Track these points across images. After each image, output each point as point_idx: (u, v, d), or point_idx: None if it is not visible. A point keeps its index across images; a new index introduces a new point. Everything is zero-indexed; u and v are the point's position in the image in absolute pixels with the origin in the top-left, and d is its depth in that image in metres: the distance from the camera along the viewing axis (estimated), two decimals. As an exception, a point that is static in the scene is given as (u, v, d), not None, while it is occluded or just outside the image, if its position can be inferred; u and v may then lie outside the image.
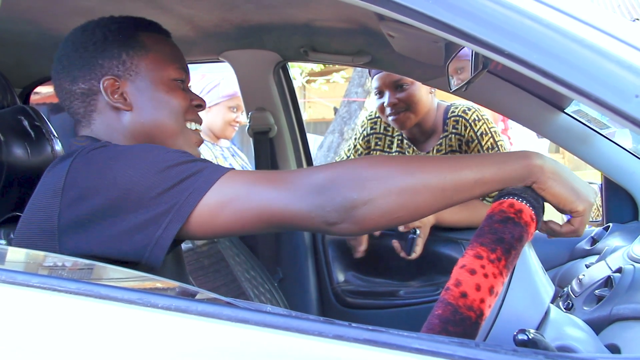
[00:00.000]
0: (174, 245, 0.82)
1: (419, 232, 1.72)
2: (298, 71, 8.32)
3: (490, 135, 1.84)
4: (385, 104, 1.86)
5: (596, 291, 1.05)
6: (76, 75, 0.98)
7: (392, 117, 1.86)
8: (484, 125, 1.85)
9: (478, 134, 1.84)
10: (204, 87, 2.32)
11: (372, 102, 1.98)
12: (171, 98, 1.00)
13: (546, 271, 0.83)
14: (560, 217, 0.96)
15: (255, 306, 0.69)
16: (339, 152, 2.15)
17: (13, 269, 0.71)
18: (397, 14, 0.73)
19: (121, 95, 0.98)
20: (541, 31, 0.69)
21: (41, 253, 0.84)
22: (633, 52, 0.68)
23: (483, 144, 1.84)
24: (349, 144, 2.09)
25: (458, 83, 1.37)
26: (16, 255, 0.88)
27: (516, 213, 0.73)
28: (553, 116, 1.63)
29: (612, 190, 1.61)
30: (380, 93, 1.88)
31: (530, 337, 0.65)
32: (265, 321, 0.62)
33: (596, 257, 1.40)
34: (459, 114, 1.87)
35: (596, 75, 0.67)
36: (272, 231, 1.79)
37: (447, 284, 0.68)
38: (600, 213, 1.68)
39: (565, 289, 1.23)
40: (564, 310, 1.11)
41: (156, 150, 0.86)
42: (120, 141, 0.97)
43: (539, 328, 0.74)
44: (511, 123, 6.34)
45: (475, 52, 1.15)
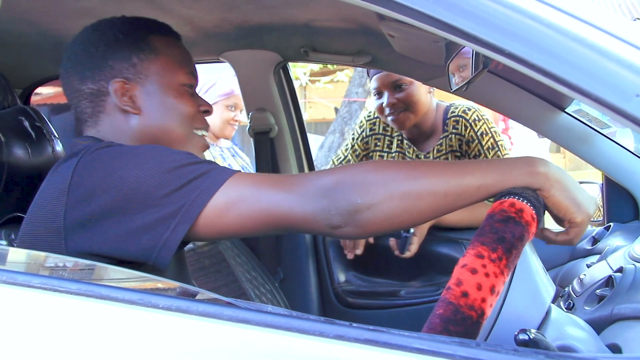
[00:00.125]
0: (181, 246, 0.82)
1: (414, 231, 1.71)
2: (302, 71, 8.30)
3: (490, 135, 1.84)
4: (384, 105, 1.85)
5: (597, 291, 1.05)
6: (85, 75, 0.97)
7: (392, 118, 1.85)
8: (484, 125, 1.85)
9: (478, 134, 1.84)
10: (201, 87, 2.32)
11: (372, 103, 1.97)
12: (180, 104, 1.00)
13: (547, 271, 0.83)
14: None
15: (256, 306, 0.69)
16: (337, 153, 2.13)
17: (14, 270, 0.71)
18: (397, 14, 0.73)
19: (130, 98, 0.97)
20: (541, 30, 0.69)
21: (42, 254, 0.84)
22: (633, 52, 0.68)
23: (483, 144, 1.84)
24: (347, 144, 2.07)
25: (458, 83, 1.37)
26: (17, 255, 0.88)
27: (517, 212, 0.73)
28: (554, 116, 1.63)
29: (613, 189, 1.61)
30: (379, 94, 1.88)
31: (531, 337, 0.65)
32: (266, 321, 0.62)
33: (597, 257, 1.40)
34: (459, 114, 1.87)
35: (597, 74, 0.67)
36: (277, 233, 1.79)
37: (448, 284, 0.68)
38: (601, 213, 1.68)
39: (566, 289, 1.23)
40: (565, 310, 1.11)
41: (163, 150, 0.86)
42: (126, 143, 0.97)
43: (540, 328, 0.74)
44: (512, 123, 6.35)
45: (475, 52, 1.15)
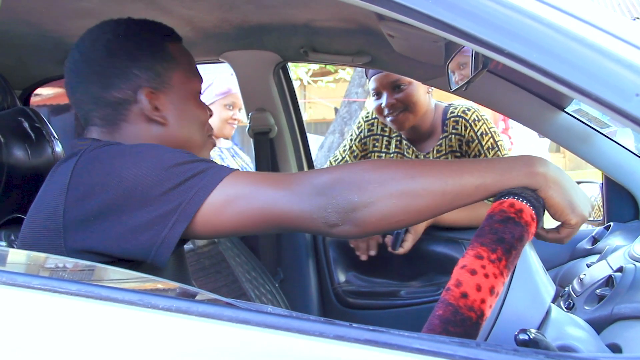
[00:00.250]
0: (179, 244, 0.82)
1: (407, 228, 1.70)
2: (303, 70, 8.28)
3: (490, 135, 1.84)
4: (383, 105, 1.85)
5: (597, 290, 1.05)
6: (110, 82, 0.96)
7: (391, 118, 1.85)
8: (484, 125, 1.85)
9: (478, 134, 1.84)
10: None
11: (371, 103, 1.96)
12: (200, 112, 1.03)
13: (547, 271, 0.83)
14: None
15: (256, 307, 0.69)
16: (335, 153, 2.12)
17: (14, 271, 0.71)
18: (397, 14, 0.73)
19: (156, 108, 0.97)
20: (541, 30, 0.69)
21: (42, 255, 0.84)
22: (633, 51, 0.68)
23: (483, 144, 1.83)
24: (344, 145, 2.06)
25: (458, 83, 1.37)
26: (17, 257, 0.88)
27: (516, 213, 0.73)
28: (553, 115, 1.63)
29: (613, 189, 1.61)
30: (377, 94, 1.87)
31: (531, 337, 0.65)
32: (266, 322, 0.62)
33: (597, 257, 1.40)
34: (459, 114, 1.87)
35: (596, 74, 0.67)
36: (275, 232, 1.78)
37: (448, 285, 0.68)
38: (601, 212, 1.68)
39: (566, 289, 1.23)
40: (565, 309, 1.11)
41: (161, 149, 0.86)
42: None
43: (540, 328, 0.74)
44: (512, 123, 6.35)
45: (475, 52, 1.15)
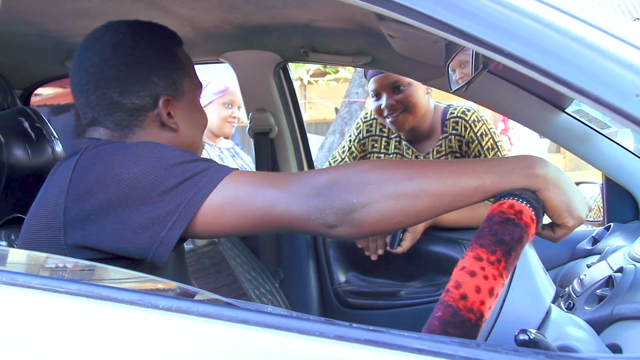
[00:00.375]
0: (178, 243, 0.82)
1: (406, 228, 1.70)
2: (304, 71, 8.28)
3: (490, 135, 1.84)
4: (382, 106, 1.84)
5: (597, 291, 1.05)
6: (130, 89, 0.96)
7: (390, 119, 1.85)
8: (484, 126, 1.85)
9: (478, 135, 1.84)
10: None
11: (371, 104, 1.96)
12: (203, 118, 1.06)
13: (547, 271, 0.83)
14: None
15: (256, 307, 0.69)
16: (333, 154, 2.12)
17: (14, 271, 0.71)
18: (397, 14, 0.73)
19: (169, 115, 0.98)
20: (541, 30, 0.69)
21: (42, 254, 0.84)
22: (633, 52, 0.68)
23: (483, 145, 1.83)
24: (343, 145, 2.05)
25: (458, 83, 1.37)
26: (17, 256, 0.88)
27: (516, 214, 0.73)
28: (553, 116, 1.63)
29: (613, 190, 1.61)
30: (377, 95, 1.86)
31: (531, 337, 0.65)
32: (266, 322, 0.62)
33: (597, 257, 1.40)
34: (459, 115, 1.87)
35: (596, 74, 0.67)
36: (273, 232, 1.79)
37: (447, 286, 0.68)
38: (601, 213, 1.68)
39: (566, 289, 1.23)
40: (565, 310, 1.11)
41: (161, 147, 0.87)
42: None
43: (540, 328, 0.74)
44: (512, 123, 6.36)
45: (475, 52, 1.15)
